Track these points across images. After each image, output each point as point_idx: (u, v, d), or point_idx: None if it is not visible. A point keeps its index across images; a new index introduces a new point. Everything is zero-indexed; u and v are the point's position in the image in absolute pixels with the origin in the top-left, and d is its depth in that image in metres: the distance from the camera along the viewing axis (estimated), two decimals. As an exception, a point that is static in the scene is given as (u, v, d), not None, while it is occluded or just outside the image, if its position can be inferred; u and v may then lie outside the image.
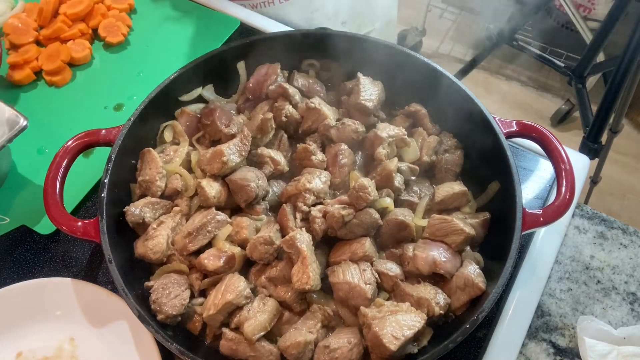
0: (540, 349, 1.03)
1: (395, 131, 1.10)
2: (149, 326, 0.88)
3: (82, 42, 1.42)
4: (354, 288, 0.93)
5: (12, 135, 1.05)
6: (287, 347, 0.89)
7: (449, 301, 0.94)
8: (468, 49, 3.36)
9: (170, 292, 0.94)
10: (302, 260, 0.93)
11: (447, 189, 1.07)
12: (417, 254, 0.98)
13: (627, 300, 1.08)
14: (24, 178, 1.21)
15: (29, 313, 1.01)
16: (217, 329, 0.95)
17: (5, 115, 1.06)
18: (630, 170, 2.88)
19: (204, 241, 1.00)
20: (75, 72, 1.40)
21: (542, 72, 3.23)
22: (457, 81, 1.10)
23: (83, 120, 1.30)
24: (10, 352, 1.00)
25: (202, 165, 1.07)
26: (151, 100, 1.10)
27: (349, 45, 1.19)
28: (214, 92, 1.25)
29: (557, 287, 1.10)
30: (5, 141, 1.04)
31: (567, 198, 0.96)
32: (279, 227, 1.02)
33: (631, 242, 1.15)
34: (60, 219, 0.97)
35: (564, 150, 1.02)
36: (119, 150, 1.04)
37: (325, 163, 1.11)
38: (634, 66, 1.94)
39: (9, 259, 1.12)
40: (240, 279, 0.95)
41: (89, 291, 1.02)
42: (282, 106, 1.14)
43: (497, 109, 3.07)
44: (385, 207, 1.03)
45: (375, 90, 1.17)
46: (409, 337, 0.86)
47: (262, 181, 1.05)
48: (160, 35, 1.48)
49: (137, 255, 1.01)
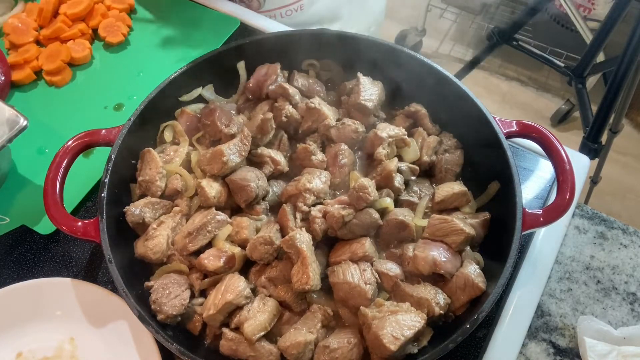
0: (540, 349, 1.03)
1: (395, 131, 1.10)
2: (149, 326, 0.88)
3: (82, 42, 1.42)
4: (354, 288, 0.93)
5: (12, 135, 1.05)
6: (287, 347, 0.89)
7: (449, 301, 0.94)
8: (468, 49, 3.36)
9: (170, 292, 0.94)
10: (302, 260, 0.93)
11: (447, 189, 1.07)
12: (417, 254, 0.98)
13: (627, 300, 1.08)
14: (24, 178, 1.21)
15: (29, 313, 1.01)
16: (217, 329, 0.95)
17: (5, 115, 1.06)
18: (630, 170, 2.89)
19: (204, 241, 1.00)
20: (75, 72, 1.40)
21: (542, 72, 3.23)
22: (457, 81, 1.10)
23: (83, 120, 1.30)
24: (10, 352, 1.00)
25: (202, 165, 1.07)
26: (151, 100, 1.10)
27: (349, 45, 1.19)
28: (214, 92, 1.25)
29: (557, 287, 1.10)
30: (6, 141, 1.04)
31: (567, 198, 0.96)
32: (279, 227, 1.02)
33: (631, 242, 1.15)
34: (60, 219, 0.97)
35: (564, 150, 1.02)
36: (119, 150, 1.04)
37: (325, 163, 1.11)
38: (634, 66, 1.94)
39: (9, 259, 1.12)
40: (240, 279, 0.95)
41: (89, 291, 1.02)
42: (282, 106, 1.14)
43: (497, 109, 3.07)
44: (385, 207, 1.03)
45: (375, 90, 1.17)
46: (409, 337, 0.86)
47: (262, 181, 1.05)
48: (160, 35, 1.48)
49: (137, 255, 1.01)
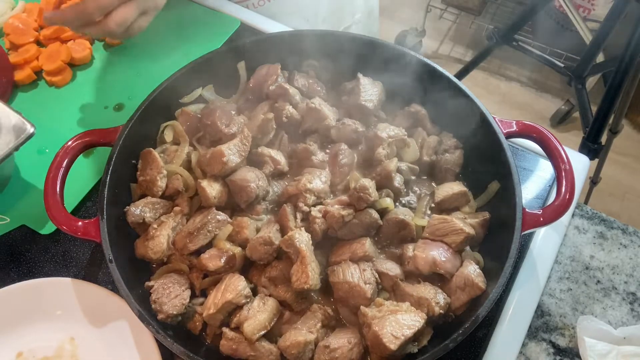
0: (540, 349, 1.03)
1: (395, 131, 1.10)
2: (149, 326, 0.88)
3: (82, 42, 1.42)
4: (354, 288, 0.93)
5: (19, 143, 1.04)
6: (287, 346, 0.89)
7: (449, 301, 0.94)
8: (468, 49, 3.36)
9: (170, 292, 0.94)
10: (301, 259, 0.93)
11: (447, 189, 1.07)
12: (417, 254, 0.98)
13: (627, 300, 1.08)
14: (24, 178, 1.21)
15: (29, 313, 1.01)
16: (218, 329, 0.95)
17: (12, 122, 1.05)
18: (630, 171, 2.89)
19: (204, 241, 1.00)
20: (75, 72, 1.40)
21: (542, 72, 3.23)
22: (457, 81, 1.11)
23: (83, 120, 1.30)
24: (11, 352, 1.00)
25: (202, 165, 1.07)
26: (151, 100, 1.10)
27: (350, 46, 1.19)
28: (214, 92, 1.25)
29: (557, 287, 1.10)
30: (12, 149, 1.03)
31: (567, 198, 0.97)
32: (279, 227, 1.02)
33: (631, 242, 1.15)
34: (60, 219, 0.97)
35: (564, 151, 1.02)
36: (119, 150, 1.04)
37: (326, 163, 1.11)
38: (633, 66, 1.94)
39: (9, 259, 1.12)
40: (240, 278, 0.96)
41: (89, 291, 1.02)
42: (283, 107, 1.14)
43: (497, 109, 3.07)
44: (385, 207, 1.03)
45: (376, 91, 1.17)
46: (409, 336, 0.86)
47: (262, 181, 1.05)
48: (160, 35, 1.47)
49: (137, 255, 1.01)
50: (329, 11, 1.66)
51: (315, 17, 1.63)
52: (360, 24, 1.77)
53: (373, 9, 1.84)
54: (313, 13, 1.63)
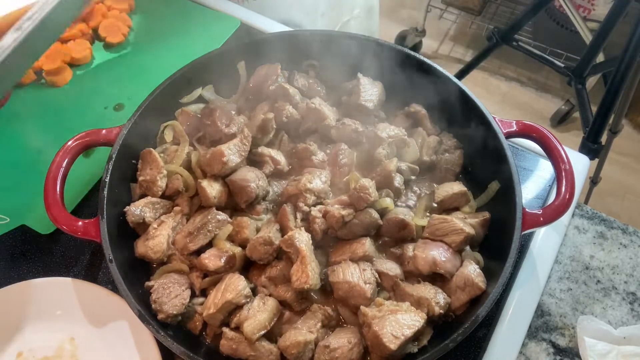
0: (540, 349, 1.03)
1: (395, 131, 1.10)
2: (149, 326, 0.88)
3: (82, 42, 1.42)
4: (354, 287, 0.93)
5: None
6: (287, 346, 0.89)
7: (449, 301, 0.94)
8: (468, 49, 3.36)
9: (170, 292, 0.94)
10: (301, 259, 0.93)
11: (447, 189, 1.07)
12: (417, 254, 0.98)
13: (627, 300, 1.08)
14: (24, 178, 1.21)
15: (29, 313, 1.01)
16: (218, 329, 0.95)
17: None
18: (630, 171, 2.89)
19: (204, 241, 1.00)
20: (75, 72, 1.40)
21: (542, 72, 3.23)
22: (457, 81, 1.11)
23: (83, 120, 1.30)
24: (11, 352, 1.00)
25: (202, 165, 1.07)
26: (151, 100, 1.10)
27: (350, 46, 1.19)
28: (214, 92, 1.25)
29: (557, 287, 1.10)
30: None
31: (567, 198, 0.97)
32: (279, 227, 1.02)
33: (631, 242, 1.15)
34: (60, 219, 0.97)
35: (564, 150, 1.02)
36: (119, 150, 1.04)
37: (326, 163, 1.11)
38: (633, 66, 1.94)
39: (9, 259, 1.12)
40: (240, 278, 0.96)
41: (89, 291, 1.02)
42: (283, 107, 1.14)
43: (497, 109, 3.07)
44: (385, 207, 1.03)
45: (375, 91, 1.17)
46: (409, 336, 0.86)
47: (262, 181, 1.05)
48: (160, 35, 1.47)
49: (137, 255, 1.01)
50: (328, 5, 1.65)
51: (314, 11, 1.62)
52: (360, 20, 1.76)
53: (373, 6, 1.84)
54: (312, 7, 1.62)
